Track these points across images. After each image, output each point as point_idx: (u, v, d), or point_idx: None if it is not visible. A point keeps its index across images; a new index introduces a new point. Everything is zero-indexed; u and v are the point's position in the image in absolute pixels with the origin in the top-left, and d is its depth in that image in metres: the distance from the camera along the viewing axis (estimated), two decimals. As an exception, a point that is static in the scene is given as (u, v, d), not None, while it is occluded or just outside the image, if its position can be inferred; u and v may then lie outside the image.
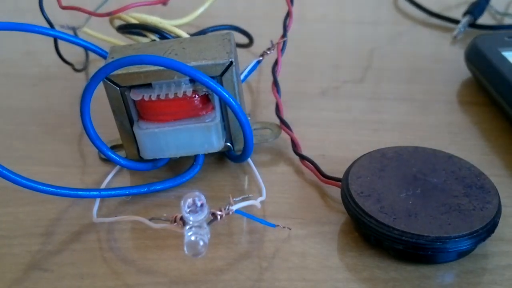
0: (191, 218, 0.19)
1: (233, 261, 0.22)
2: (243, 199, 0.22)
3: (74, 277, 0.22)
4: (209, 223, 0.20)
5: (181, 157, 0.27)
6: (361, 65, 0.39)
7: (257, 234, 0.24)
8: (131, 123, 0.26)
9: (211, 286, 0.21)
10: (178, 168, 0.28)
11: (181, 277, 0.22)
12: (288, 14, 0.33)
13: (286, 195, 0.26)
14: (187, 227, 0.20)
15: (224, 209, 0.21)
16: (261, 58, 0.32)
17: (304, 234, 0.24)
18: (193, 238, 0.19)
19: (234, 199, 0.21)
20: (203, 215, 0.19)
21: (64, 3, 0.31)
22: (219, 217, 0.20)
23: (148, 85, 0.25)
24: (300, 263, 0.22)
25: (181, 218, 0.20)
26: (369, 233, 0.22)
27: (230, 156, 0.28)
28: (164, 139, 0.25)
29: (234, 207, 0.21)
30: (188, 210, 0.19)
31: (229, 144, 0.27)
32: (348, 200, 0.23)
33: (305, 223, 0.24)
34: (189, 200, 0.19)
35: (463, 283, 0.21)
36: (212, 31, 0.38)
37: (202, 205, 0.19)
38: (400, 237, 0.21)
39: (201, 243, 0.19)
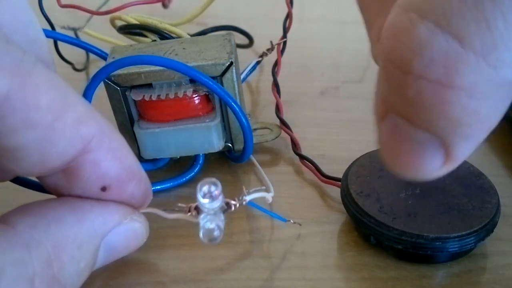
0: (206, 206, 0.19)
1: (234, 261, 0.22)
2: (255, 191, 0.22)
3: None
4: (223, 212, 0.20)
5: (181, 157, 0.27)
6: (361, 65, 0.39)
7: (258, 234, 0.24)
8: (132, 123, 0.26)
9: (212, 285, 0.21)
10: (178, 168, 0.28)
11: (181, 276, 0.22)
12: (288, 16, 0.33)
13: (286, 195, 0.26)
14: (202, 215, 0.19)
15: (238, 199, 0.21)
16: (260, 59, 0.33)
17: (304, 233, 0.24)
18: (208, 224, 0.19)
19: (248, 190, 0.21)
20: (219, 202, 0.19)
21: (64, 3, 0.31)
22: (233, 206, 0.20)
23: (149, 85, 0.25)
24: (300, 262, 0.22)
25: (196, 208, 0.19)
26: (368, 233, 0.22)
27: (230, 156, 0.28)
28: (164, 139, 0.25)
29: (248, 198, 0.21)
30: (203, 196, 0.19)
31: (229, 144, 0.27)
32: (347, 200, 0.23)
33: (305, 223, 0.24)
34: (205, 188, 0.19)
35: (463, 283, 0.21)
36: (212, 31, 0.38)
37: (218, 193, 0.19)
38: (399, 236, 0.21)
39: (217, 229, 0.19)
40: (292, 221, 0.23)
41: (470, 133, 0.13)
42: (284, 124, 0.29)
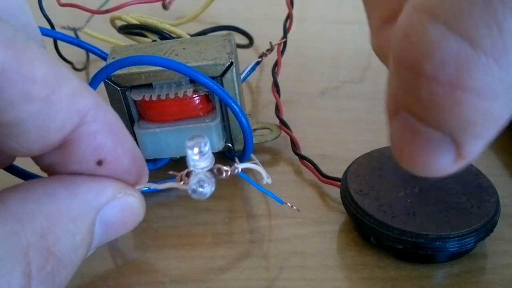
0: (196, 162, 0.19)
1: (233, 261, 0.22)
2: (249, 163, 0.22)
3: (74, 276, 0.22)
4: (214, 177, 0.20)
5: (181, 157, 0.27)
6: (361, 65, 0.39)
7: (258, 233, 0.24)
8: (132, 123, 0.26)
9: (211, 285, 0.21)
10: (178, 168, 0.28)
11: (181, 276, 0.22)
12: (289, 16, 0.33)
13: (286, 195, 0.26)
14: (192, 176, 0.19)
15: (230, 166, 0.20)
16: (260, 59, 0.32)
17: (304, 234, 0.24)
18: (197, 182, 0.19)
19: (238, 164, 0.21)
20: (209, 161, 0.19)
21: (63, 2, 0.31)
22: (224, 172, 0.20)
23: (149, 85, 0.25)
24: (300, 262, 0.22)
25: (187, 174, 0.19)
26: (368, 232, 0.22)
27: (230, 156, 0.28)
28: (164, 139, 0.25)
29: (240, 166, 0.21)
30: (192, 145, 0.19)
31: (229, 144, 0.27)
32: (347, 199, 0.23)
33: (305, 223, 0.24)
34: (193, 142, 0.18)
35: (463, 283, 0.21)
36: (212, 31, 0.38)
37: (205, 144, 0.18)
38: (399, 236, 0.21)
39: (206, 185, 0.19)
40: (289, 204, 0.23)
41: (481, 132, 0.13)
42: (284, 124, 0.29)
